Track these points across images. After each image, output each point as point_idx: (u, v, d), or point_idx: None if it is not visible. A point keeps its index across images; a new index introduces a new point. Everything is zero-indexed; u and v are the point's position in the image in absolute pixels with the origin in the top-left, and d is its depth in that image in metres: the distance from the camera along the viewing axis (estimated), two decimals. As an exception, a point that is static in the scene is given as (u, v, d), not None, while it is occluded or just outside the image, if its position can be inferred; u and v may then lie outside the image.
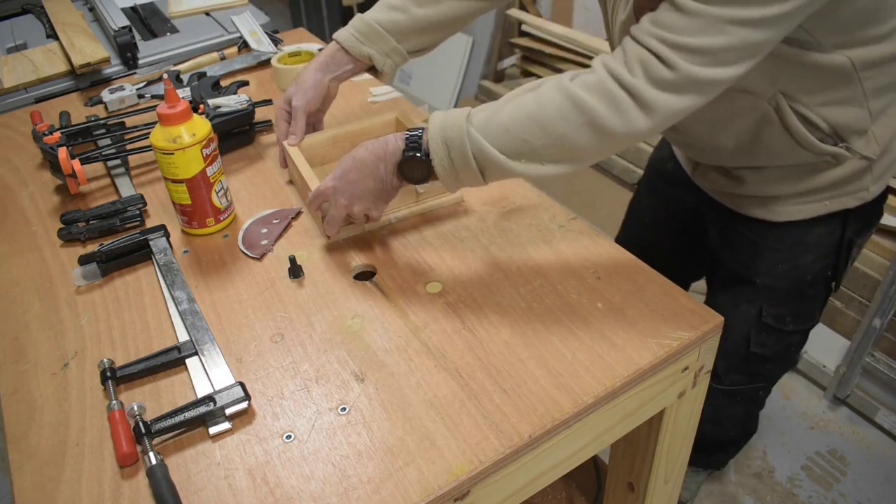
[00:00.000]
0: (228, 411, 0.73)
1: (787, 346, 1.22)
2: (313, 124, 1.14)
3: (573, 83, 0.76)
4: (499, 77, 3.25)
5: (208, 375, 0.78)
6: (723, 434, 1.47)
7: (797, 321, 1.18)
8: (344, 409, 0.74)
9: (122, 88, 1.37)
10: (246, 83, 1.34)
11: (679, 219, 1.28)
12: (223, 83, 1.36)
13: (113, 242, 0.96)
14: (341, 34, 1.07)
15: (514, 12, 2.96)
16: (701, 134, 1.01)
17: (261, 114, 1.29)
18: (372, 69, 1.10)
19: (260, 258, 0.97)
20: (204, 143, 0.94)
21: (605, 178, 2.60)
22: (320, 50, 1.49)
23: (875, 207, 1.08)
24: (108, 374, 0.78)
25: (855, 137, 0.95)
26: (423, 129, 0.83)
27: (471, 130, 0.78)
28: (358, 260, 0.95)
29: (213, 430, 0.73)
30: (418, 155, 0.82)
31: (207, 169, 0.96)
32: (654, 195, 1.34)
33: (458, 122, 0.79)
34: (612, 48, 0.96)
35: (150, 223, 1.05)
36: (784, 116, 0.91)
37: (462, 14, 1.06)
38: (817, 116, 0.91)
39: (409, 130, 0.84)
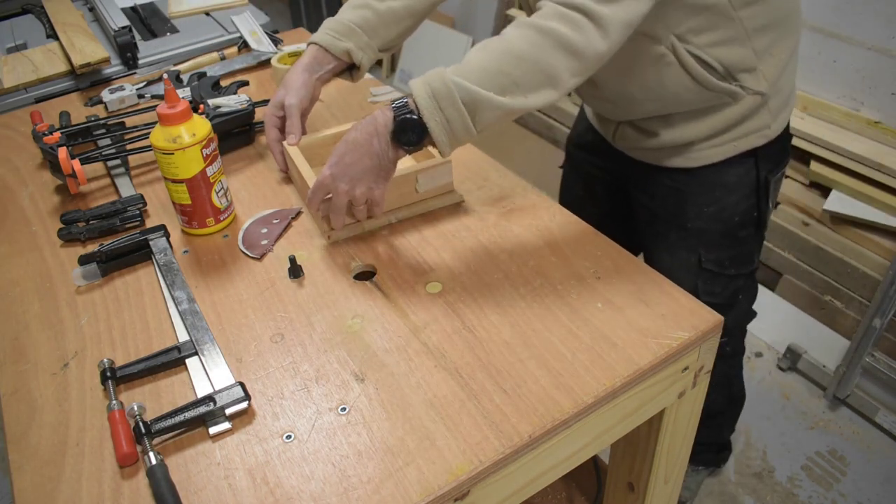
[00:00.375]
0: (228, 411, 0.73)
1: (734, 291, 1.27)
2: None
3: (531, 19, 0.83)
4: (499, 77, 3.25)
5: (208, 375, 0.78)
6: (709, 404, 1.49)
7: (736, 264, 1.23)
8: (344, 409, 0.74)
9: (122, 88, 1.37)
10: (246, 83, 1.34)
11: (608, 185, 1.34)
12: (223, 83, 1.36)
13: (113, 242, 0.96)
14: (318, 36, 1.12)
15: (514, 12, 2.96)
16: (612, 85, 1.08)
17: (261, 114, 1.29)
18: (351, 67, 1.14)
19: (260, 258, 0.97)
20: (204, 143, 0.94)
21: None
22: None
23: (781, 146, 1.17)
24: (108, 374, 0.78)
25: (745, 75, 1.02)
26: (406, 95, 0.85)
27: (454, 77, 0.81)
28: (358, 260, 0.95)
29: (213, 430, 0.73)
30: (409, 115, 0.83)
31: (207, 169, 0.96)
32: (580, 169, 1.40)
33: (439, 74, 0.82)
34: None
35: (150, 223, 1.05)
36: (680, 57, 0.99)
37: (424, 4, 1.12)
38: (709, 56, 0.99)
39: (392, 101, 0.86)
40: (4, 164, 1.23)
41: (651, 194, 1.21)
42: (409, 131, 0.84)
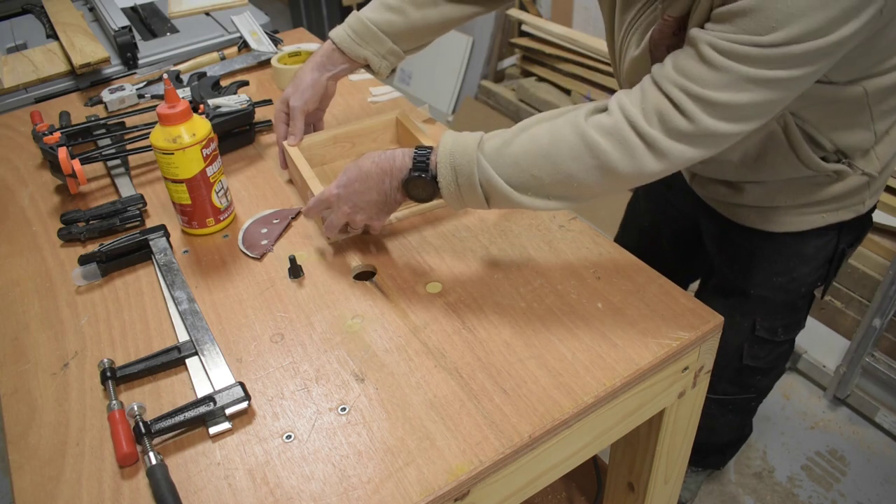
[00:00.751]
0: (228, 411, 0.73)
1: (778, 356, 1.23)
2: (313, 123, 1.13)
3: (588, 123, 0.75)
4: (499, 77, 3.25)
5: (208, 375, 0.78)
6: (717, 439, 1.48)
7: (787, 331, 1.19)
8: (344, 409, 0.74)
9: (122, 88, 1.37)
10: (246, 83, 1.34)
11: (677, 224, 1.28)
12: (223, 83, 1.36)
13: (113, 242, 0.96)
14: (337, 33, 1.05)
15: (515, 12, 2.96)
16: None
17: (261, 114, 1.29)
18: (367, 67, 1.09)
19: (260, 258, 0.97)
20: (204, 143, 0.94)
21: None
22: (320, 49, 1.49)
23: (867, 219, 1.09)
24: (108, 374, 0.78)
25: (859, 156, 0.96)
26: (431, 149, 0.83)
27: (481, 159, 0.78)
28: (358, 260, 0.95)
29: (213, 430, 0.73)
30: (424, 176, 0.82)
31: (207, 169, 0.96)
32: (652, 199, 1.33)
33: (469, 148, 0.78)
34: (619, 79, 0.99)
35: (150, 223, 1.05)
36: (791, 136, 0.91)
37: (459, 16, 1.05)
38: (824, 138, 0.92)
39: (417, 149, 0.84)
40: (4, 164, 1.23)
41: (720, 248, 1.15)
42: (421, 189, 0.83)
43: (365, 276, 0.93)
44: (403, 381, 0.77)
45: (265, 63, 1.52)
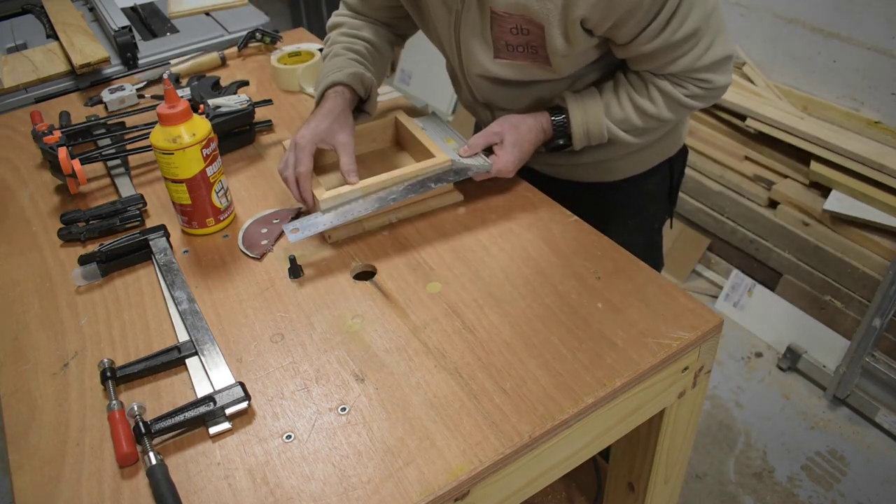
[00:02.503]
0: (228, 411, 0.73)
1: None
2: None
3: (679, 93, 0.99)
4: (499, 77, 3.25)
5: (208, 375, 0.78)
6: None
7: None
8: (344, 409, 0.74)
9: (122, 88, 1.37)
10: (246, 83, 1.34)
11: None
12: (223, 83, 1.36)
13: (113, 242, 0.96)
14: (324, 83, 1.05)
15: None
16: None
17: (261, 114, 1.29)
18: (360, 106, 1.11)
19: (260, 258, 0.97)
20: (204, 143, 0.94)
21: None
22: (321, 50, 1.49)
23: (685, 147, 1.24)
24: (108, 374, 0.78)
25: None
26: (562, 119, 1.03)
27: (610, 125, 1.02)
28: (358, 260, 0.95)
29: (213, 430, 0.73)
30: (561, 142, 1.05)
31: (207, 169, 0.96)
32: None
33: (599, 120, 1.02)
34: (462, 88, 1.16)
35: (150, 223, 1.05)
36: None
37: (392, 42, 1.21)
38: None
39: (553, 118, 1.03)
40: (4, 164, 1.23)
41: (575, 210, 1.16)
42: (558, 149, 1.06)
43: (365, 276, 0.93)
44: (403, 381, 0.77)
45: (265, 63, 1.52)
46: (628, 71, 1.03)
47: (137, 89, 1.40)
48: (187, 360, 0.81)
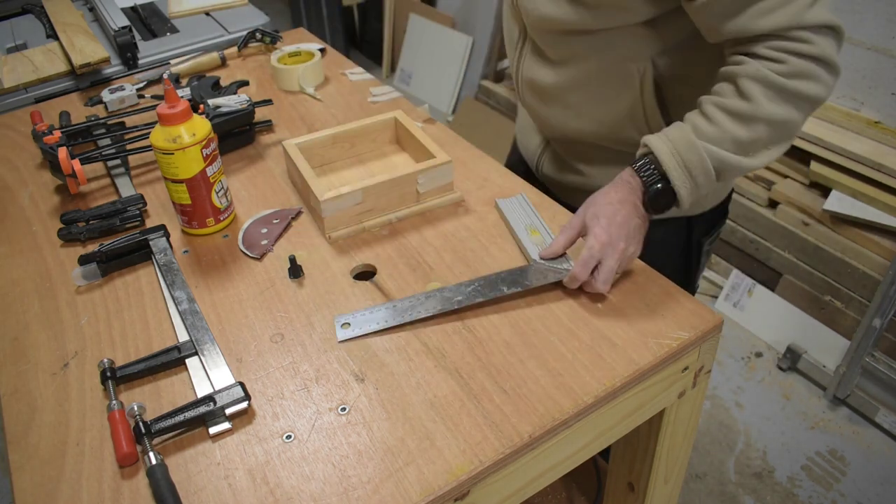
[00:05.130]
0: (228, 411, 0.73)
1: None
2: None
3: (776, 77, 0.80)
4: (499, 77, 3.25)
5: (208, 375, 0.78)
6: None
7: None
8: (344, 409, 0.74)
9: (122, 88, 1.37)
10: (246, 83, 1.34)
11: None
12: (223, 83, 1.36)
13: (113, 242, 0.96)
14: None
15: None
16: (580, 103, 1.02)
17: (261, 114, 1.29)
18: None
19: (260, 258, 0.97)
20: (204, 143, 0.94)
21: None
22: (321, 49, 1.49)
23: (721, 210, 1.11)
24: (108, 374, 0.78)
25: None
26: (647, 159, 0.86)
27: (707, 146, 0.83)
28: (358, 260, 0.95)
29: (213, 430, 0.73)
30: (661, 185, 0.85)
31: (207, 169, 0.96)
32: None
33: (690, 143, 0.83)
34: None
35: (150, 223, 1.05)
36: (644, 83, 0.95)
37: None
38: (671, 94, 0.96)
39: (634, 165, 0.87)
40: (4, 164, 1.23)
41: None
42: (663, 198, 0.86)
43: (365, 276, 0.93)
44: (403, 381, 0.77)
45: (265, 63, 1.52)
46: (714, 83, 0.88)
47: (137, 89, 1.40)
48: (187, 360, 0.81)
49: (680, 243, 1.11)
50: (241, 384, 0.75)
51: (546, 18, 0.93)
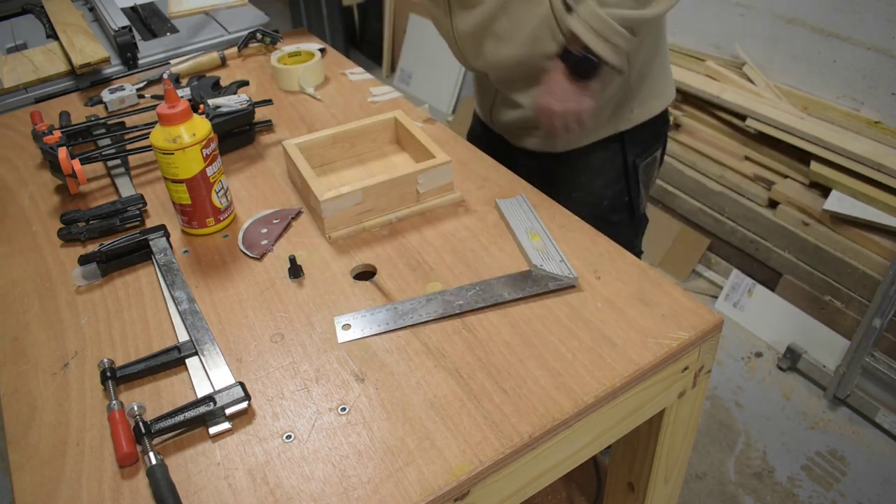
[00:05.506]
0: (228, 411, 0.73)
1: None
2: None
3: None
4: (499, 77, 3.25)
5: (208, 375, 0.78)
6: None
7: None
8: (344, 409, 0.74)
9: (122, 88, 1.37)
10: (246, 83, 1.34)
11: None
12: (223, 83, 1.36)
13: (113, 242, 0.96)
14: None
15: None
16: (505, 29, 1.13)
17: (261, 114, 1.29)
18: None
19: (260, 258, 0.97)
20: (204, 143, 0.94)
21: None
22: (321, 49, 1.49)
23: (651, 132, 1.23)
24: (108, 374, 0.78)
25: None
26: (565, 49, 1.04)
27: (612, 11, 0.99)
28: (358, 260, 0.95)
29: (213, 430, 0.73)
30: (583, 56, 1.03)
31: (207, 169, 0.96)
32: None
33: (597, 13, 1.00)
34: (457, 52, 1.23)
35: (150, 223, 1.05)
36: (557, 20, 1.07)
37: None
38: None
39: (561, 55, 1.05)
40: (4, 164, 1.23)
41: (528, 179, 1.21)
42: (583, 65, 1.04)
43: (365, 276, 0.93)
44: (403, 381, 0.77)
45: (265, 63, 1.52)
46: None
47: (137, 89, 1.40)
48: (187, 360, 0.81)
49: (617, 166, 1.23)
50: (241, 384, 0.75)
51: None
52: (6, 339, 0.87)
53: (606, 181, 1.24)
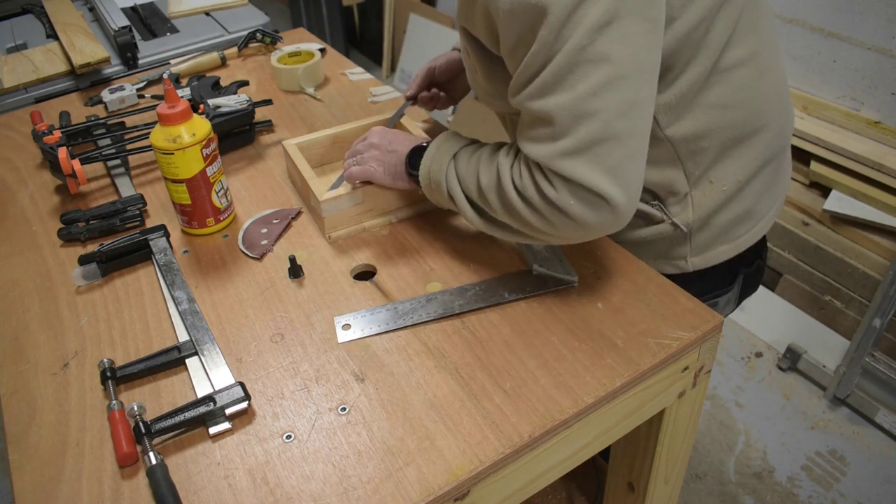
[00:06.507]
0: (228, 411, 0.73)
1: None
2: (439, 94, 1.17)
3: (507, 180, 0.78)
4: (499, 77, 3.25)
5: (208, 375, 0.78)
6: None
7: None
8: (344, 409, 0.74)
9: (122, 88, 1.37)
10: (246, 83, 1.34)
11: None
12: (223, 83, 1.36)
13: (113, 242, 0.96)
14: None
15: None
16: None
17: (261, 114, 1.29)
18: None
19: (260, 258, 0.97)
20: (204, 143, 0.94)
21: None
22: (321, 49, 1.49)
23: (704, 282, 0.99)
24: (108, 374, 0.78)
25: (672, 201, 0.92)
26: (425, 150, 0.89)
27: (450, 178, 0.85)
28: (358, 260, 0.95)
29: (213, 430, 0.73)
30: (414, 173, 0.91)
31: (207, 169, 0.96)
32: None
33: (442, 162, 0.86)
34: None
35: (150, 223, 1.05)
36: None
37: None
38: None
39: (416, 149, 0.91)
40: (4, 164, 1.23)
41: None
42: (410, 175, 0.93)
43: (365, 276, 0.93)
44: (403, 381, 0.77)
45: (265, 63, 1.52)
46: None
47: (137, 89, 1.40)
48: (187, 360, 0.81)
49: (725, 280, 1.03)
50: (241, 384, 0.75)
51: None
52: (6, 339, 0.87)
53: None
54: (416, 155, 0.90)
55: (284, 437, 0.72)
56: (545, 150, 0.72)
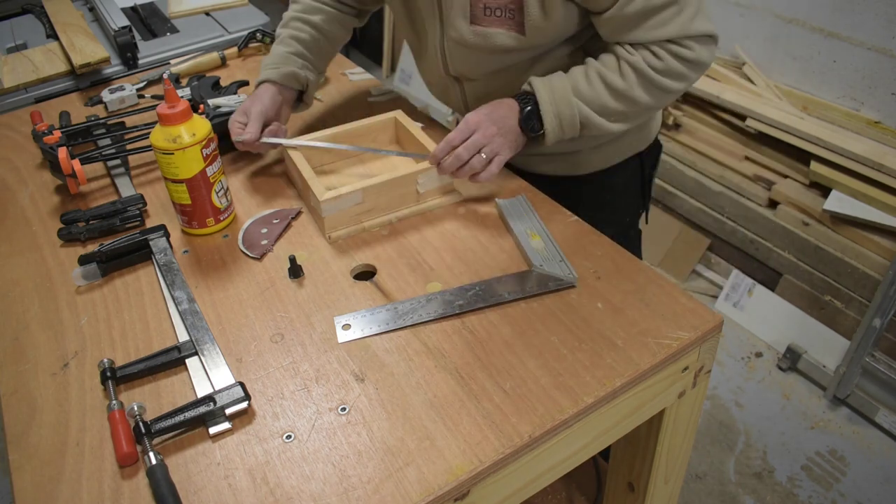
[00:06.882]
0: (228, 411, 0.73)
1: None
2: (280, 126, 1.13)
3: (650, 72, 0.94)
4: (499, 77, 3.25)
5: (208, 375, 0.78)
6: None
7: None
8: (344, 409, 0.74)
9: (122, 88, 1.37)
10: (246, 83, 1.34)
11: None
12: (223, 83, 1.36)
13: (113, 242, 0.96)
14: (262, 76, 1.13)
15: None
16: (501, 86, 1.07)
17: (261, 114, 1.29)
18: (300, 95, 1.17)
19: (260, 258, 0.97)
20: (204, 143, 0.94)
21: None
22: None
23: (657, 142, 1.22)
24: (108, 374, 0.78)
25: None
26: (530, 98, 0.97)
27: (580, 105, 0.97)
28: (358, 260, 0.95)
29: (213, 430, 0.73)
30: (535, 123, 0.98)
31: (207, 169, 0.96)
32: None
33: (568, 98, 0.96)
34: (433, 62, 1.11)
35: (150, 223, 1.05)
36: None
37: (341, 32, 1.21)
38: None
39: (517, 96, 0.98)
40: (4, 164, 1.23)
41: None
42: (530, 131, 0.99)
43: (365, 276, 0.93)
44: (403, 381, 0.77)
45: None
46: (601, 51, 0.99)
47: (137, 89, 1.40)
48: (187, 360, 0.81)
49: (636, 182, 1.23)
50: (241, 384, 0.75)
51: (460, 39, 1.00)
52: (6, 339, 0.87)
53: (629, 199, 1.24)
54: (529, 118, 0.97)
55: (284, 437, 0.72)
56: (678, 23, 0.91)
